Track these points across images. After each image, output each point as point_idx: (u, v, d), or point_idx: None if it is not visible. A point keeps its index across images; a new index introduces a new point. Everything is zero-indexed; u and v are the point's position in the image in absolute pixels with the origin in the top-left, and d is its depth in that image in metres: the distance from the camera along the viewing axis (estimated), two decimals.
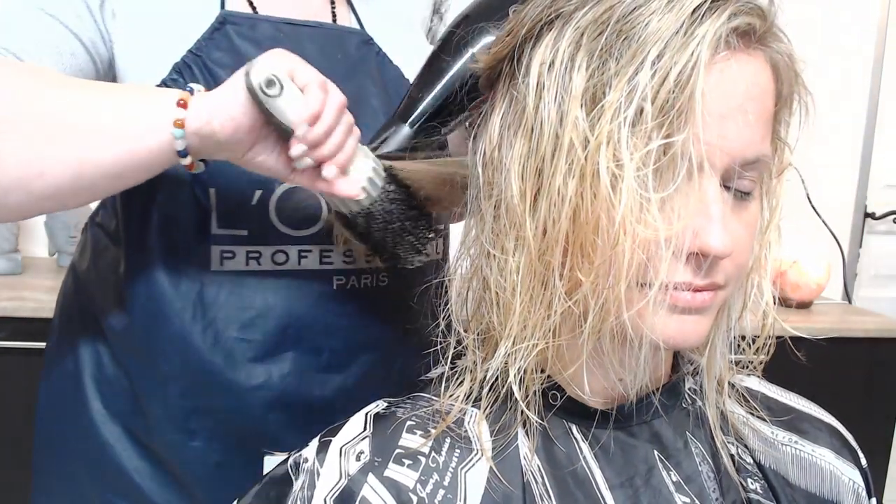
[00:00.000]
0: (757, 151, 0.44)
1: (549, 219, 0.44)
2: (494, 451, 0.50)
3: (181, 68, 0.65)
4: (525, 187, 0.46)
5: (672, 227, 0.42)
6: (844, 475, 0.57)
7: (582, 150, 0.42)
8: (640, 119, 0.41)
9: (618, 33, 0.42)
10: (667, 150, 0.41)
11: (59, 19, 0.62)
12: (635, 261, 0.42)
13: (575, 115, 0.42)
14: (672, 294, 0.44)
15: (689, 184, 0.42)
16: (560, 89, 0.44)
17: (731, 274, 0.46)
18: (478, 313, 0.52)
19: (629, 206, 0.41)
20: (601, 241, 0.42)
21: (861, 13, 2.19)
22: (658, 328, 0.45)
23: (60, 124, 0.55)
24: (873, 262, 2.34)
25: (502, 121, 0.49)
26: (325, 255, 0.71)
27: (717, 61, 0.42)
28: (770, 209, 0.50)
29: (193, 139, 0.55)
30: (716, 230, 0.42)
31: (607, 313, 0.44)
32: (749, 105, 0.43)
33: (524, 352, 0.47)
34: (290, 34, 0.70)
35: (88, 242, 0.76)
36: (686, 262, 0.44)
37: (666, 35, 0.41)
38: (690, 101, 0.40)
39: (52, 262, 1.77)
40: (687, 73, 0.40)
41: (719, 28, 0.41)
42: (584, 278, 0.43)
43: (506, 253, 0.47)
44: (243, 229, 0.67)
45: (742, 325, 0.54)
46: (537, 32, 0.46)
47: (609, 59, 0.42)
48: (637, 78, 0.41)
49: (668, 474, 0.51)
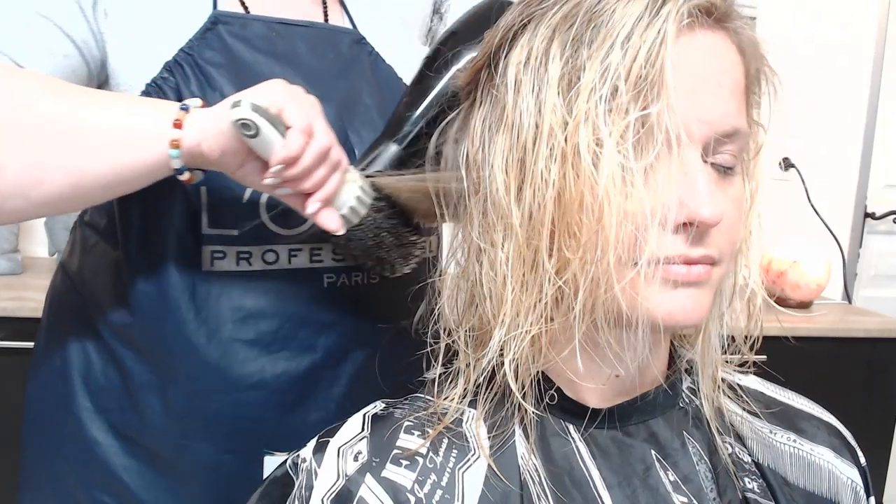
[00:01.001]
0: (733, 123, 0.46)
1: (534, 204, 0.45)
2: (492, 450, 0.50)
3: (172, 67, 0.66)
4: (509, 179, 0.47)
5: (657, 198, 0.43)
6: (843, 474, 0.57)
7: (562, 132, 0.44)
8: (615, 96, 0.43)
9: (587, 23, 0.44)
10: (644, 123, 0.43)
11: (52, 20, 0.62)
12: (623, 234, 0.43)
13: (553, 102, 0.44)
14: (665, 268, 0.45)
15: (670, 156, 0.44)
16: (537, 81, 0.46)
17: (725, 250, 0.47)
18: (468, 312, 0.52)
19: (611, 178, 0.42)
20: (586, 218, 0.43)
21: (861, 13, 2.19)
22: (654, 303, 0.45)
23: (61, 134, 0.56)
24: (873, 262, 2.34)
25: (483, 123, 0.50)
26: (315, 254, 0.71)
27: (683, 34, 0.44)
28: (750, 192, 0.51)
29: (186, 156, 0.57)
30: (703, 198, 0.44)
31: (597, 288, 0.44)
32: (721, 78, 0.46)
33: (518, 339, 0.47)
34: (282, 33, 0.70)
35: (78, 241, 0.76)
36: (675, 233, 0.45)
37: (632, 18, 0.43)
38: (661, 73, 0.42)
39: (52, 262, 1.77)
40: (655, 49, 0.42)
41: (681, 6, 0.44)
42: (571, 256, 0.44)
43: (495, 246, 0.48)
44: (234, 229, 0.68)
45: (737, 325, 0.54)
46: (511, 38, 0.48)
47: (581, 46, 0.44)
48: (609, 59, 0.43)
49: (666, 474, 0.51)
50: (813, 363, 1.59)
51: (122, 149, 0.57)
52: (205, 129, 0.56)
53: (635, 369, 0.49)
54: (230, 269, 0.68)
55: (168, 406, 0.69)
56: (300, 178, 0.57)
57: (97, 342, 0.72)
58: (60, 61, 0.63)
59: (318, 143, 0.56)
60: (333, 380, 0.73)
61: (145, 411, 0.70)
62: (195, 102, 0.59)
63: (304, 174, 0.56)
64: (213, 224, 0.67)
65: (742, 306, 0.54)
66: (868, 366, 1.70)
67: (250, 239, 0.68)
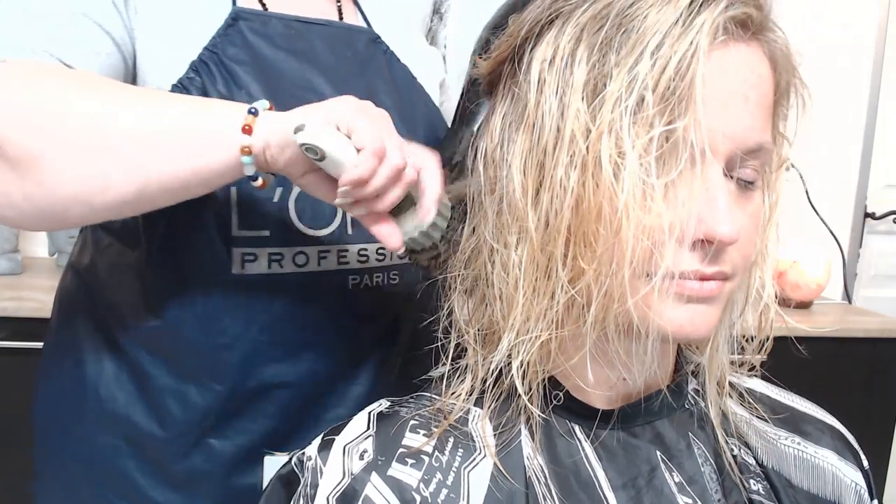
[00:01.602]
0: (759, 139, 0.45)
1: (551, 210, 0.44)
2: (497, 449, 0.50)
3: (198, 66, 0.64)
4: (527, 181, 0.46)
5: (676, 214, 0.42)
6: (847, 476, 0.57)
7: (583, 140, 0.42)
8: (641, 108, 0.41)
9: (617, 27, 0.42)
10: (669, 137, 0.42)
11: (92, 18, 0.61)
12: (639, 248, 0.42)
13: (576, 108, 0.43)
14: (679, 283, 0.44)
15: (692, 171, 0.42)
16: (561, 83, 0.44)
17: (738, 264, 0.46)
18: (478, 311, 0.52)
19: (632, 193, 0.41)
20: (604, 229, 0.42)
21: (861, 14, 2.19)
22: (666, 318, 0.45)
23: (125, 142, 0.54)
24: (873, 262, 2.34)
25: (504, 120, 0.49)
26: (342, 256, 0.71)
27: (716, 49, 0.42)
28: (770, 205, 0.50)
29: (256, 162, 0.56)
30: (722, 216, 0.43)
31: (610, 301, 0.44)
32: (750, 93, 0.44)
33: (527, 343, 0.47)
34: (300, 31, 0.70)
35: (89, 241, 0.74)
36: (692, 250, 0.44)
37: (665, 26, 0.41)
38: (691, 87, 0.41)
39: (52, 262, 1.77)
40: (686, 61, 0.41)
41: (717, 17, 0.42)
42: (586, 266, 0.44)
43: (508, 247, 0.48)
44: (265, 230, 0.67)
45: (744, 326, 0.54)
46: (537, 32, 0.47)
47: (609, 51, 0.42)
48: (637, 68, 0.41)
49: (671, 475, 0.51)
50: (813, 363, 1.59)
51: (189, 155, 0.55)
52: (268, 138, 0.54)
53: (648, 363, 0.49)
54: (261, 272, 0.67)
55: (187, 408, 0.68)
56: (370, 198, 0.55)
57: (110, 344, 0.71)
58: (104, 60, 0.62)
59: (391, 163, 0.53)
60: (353, 379, 0.73)
61: (163, 414, 0.69)
62: (263, 105, 0.56)
63: (374, 195, 0.54)
64: (243, 226, 0.66)
65: (754, 316, 0.53)
66: (868, 366, 1.69)
67: (281, 241, 0.67)
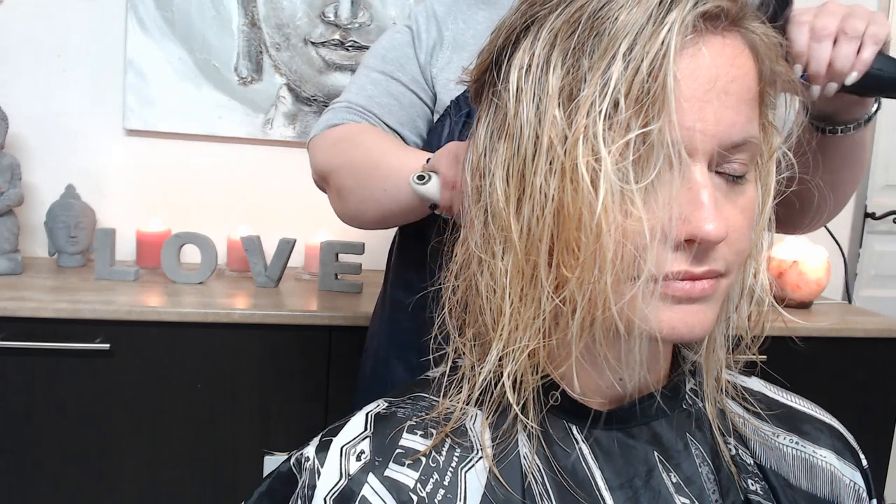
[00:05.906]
0: (743, 133, 0.44)
1: (532, 219, 0.44)
2: (494, 450, 0.50)
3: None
4: (509, 190, 0.46)
5: (657, 216, 0.42)
6: (845, 476, 0.57)
7: (561, 147, 0.42)
8: (616, 111, 0.41)
9: (589, 30, 0.42)
10: (645, 140, 0.41)
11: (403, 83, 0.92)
12: (622, 253, 0.42)
13: (553, 115, 0.43)
14: (668, 284, 0.44)
15: (671, 172, 0.42)
16: (537, 91, 0.44)
17: (732, 260, 0.46)
18: (470, 318, 0.52)
19: (609, 198, 0.41)
20: (584, 236, 0.42)
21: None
22: (654, 319, 0.44)
23: (377, 188, 0.79)
24: (873, 262, 2.34)
25: (487, 129, 0.49)
26: None
27: (688, 46, 0.42)
28: (763, 194, 0.50)
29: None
30: (706, 214, 0.42)
31: (594, 307, 0.44)
32: (730, 87, 0.43)
33: (517, 353, 0.47)
34: None
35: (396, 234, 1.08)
36: (679, 251, 0.43)
37: (635, 27, 0.41)
38: (664, 88, 0.40)
39: (52, 262, 1.77)
40: (658, 62, 0.40)
41: (686, 15, 0.41)
42: (568, 274, 0.43)
43: (495, 257, 0.47)
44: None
45: (742, 324, 0.54)
46: (514, 40, 0.47)
47: (582, 56, 0.42)
48: (610, 71, 0.41)
49: (668, 475, 0.51)
50: (813, 363, 1.59)
51: (409, 200, 0.75)
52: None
53: (637, 367, 0.49)
54: None
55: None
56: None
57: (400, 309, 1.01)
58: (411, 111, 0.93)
59: None
60: None
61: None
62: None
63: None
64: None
65: (749, 309, 0.52)
66: (868, 366, 1.69)
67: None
